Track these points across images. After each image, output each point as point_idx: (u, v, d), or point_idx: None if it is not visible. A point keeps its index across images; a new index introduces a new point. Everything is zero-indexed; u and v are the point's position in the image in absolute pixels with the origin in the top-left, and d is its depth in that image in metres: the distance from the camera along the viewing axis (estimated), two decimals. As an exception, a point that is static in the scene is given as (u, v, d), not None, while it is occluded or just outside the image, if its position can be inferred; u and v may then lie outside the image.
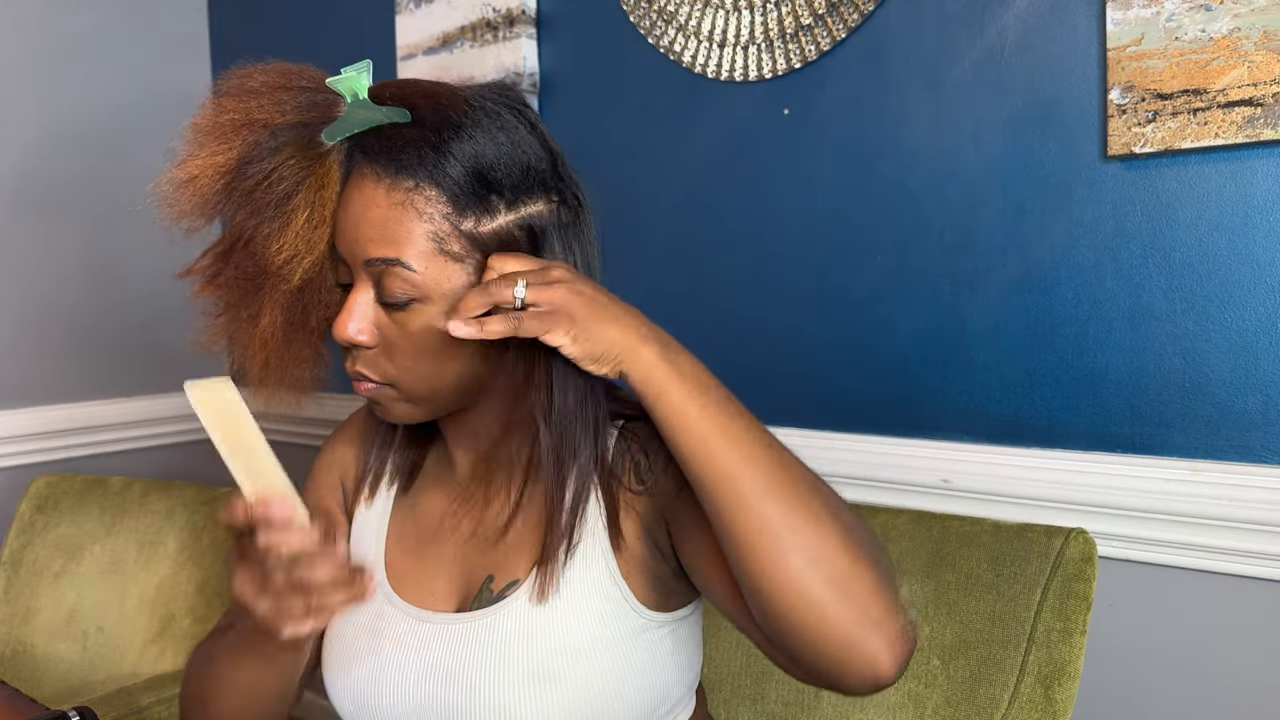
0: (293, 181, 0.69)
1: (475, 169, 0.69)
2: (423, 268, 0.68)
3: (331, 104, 0.71)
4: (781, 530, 0.60)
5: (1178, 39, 0.99)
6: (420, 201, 0.68)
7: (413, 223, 0.68)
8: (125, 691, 1.35)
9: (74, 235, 1.96)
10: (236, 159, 0.69)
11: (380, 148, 0.69)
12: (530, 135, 0.72)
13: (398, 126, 0.69)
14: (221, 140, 0.69)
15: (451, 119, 0.69)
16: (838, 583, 0.59)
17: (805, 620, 0.59)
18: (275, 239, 0.69)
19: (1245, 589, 1.02)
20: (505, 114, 0.71)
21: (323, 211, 0.70)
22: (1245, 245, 1.00)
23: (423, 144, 0.68)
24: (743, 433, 0.64)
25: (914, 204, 1.21)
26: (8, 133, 1.87)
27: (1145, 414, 1.07)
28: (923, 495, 1.21)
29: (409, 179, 0.68)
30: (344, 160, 0.71)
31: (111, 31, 2.02)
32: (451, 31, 1.65)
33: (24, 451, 1.89)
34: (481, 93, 0.73)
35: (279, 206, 0.69)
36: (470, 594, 0.77)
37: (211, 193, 0.70)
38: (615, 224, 1.52)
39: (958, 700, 0.96)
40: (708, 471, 0.62)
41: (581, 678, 0.72)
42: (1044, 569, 0.96)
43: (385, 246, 0.68)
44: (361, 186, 0.69)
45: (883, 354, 1.25)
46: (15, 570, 1.56)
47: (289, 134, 0.69)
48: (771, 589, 0.60)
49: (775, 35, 1.30)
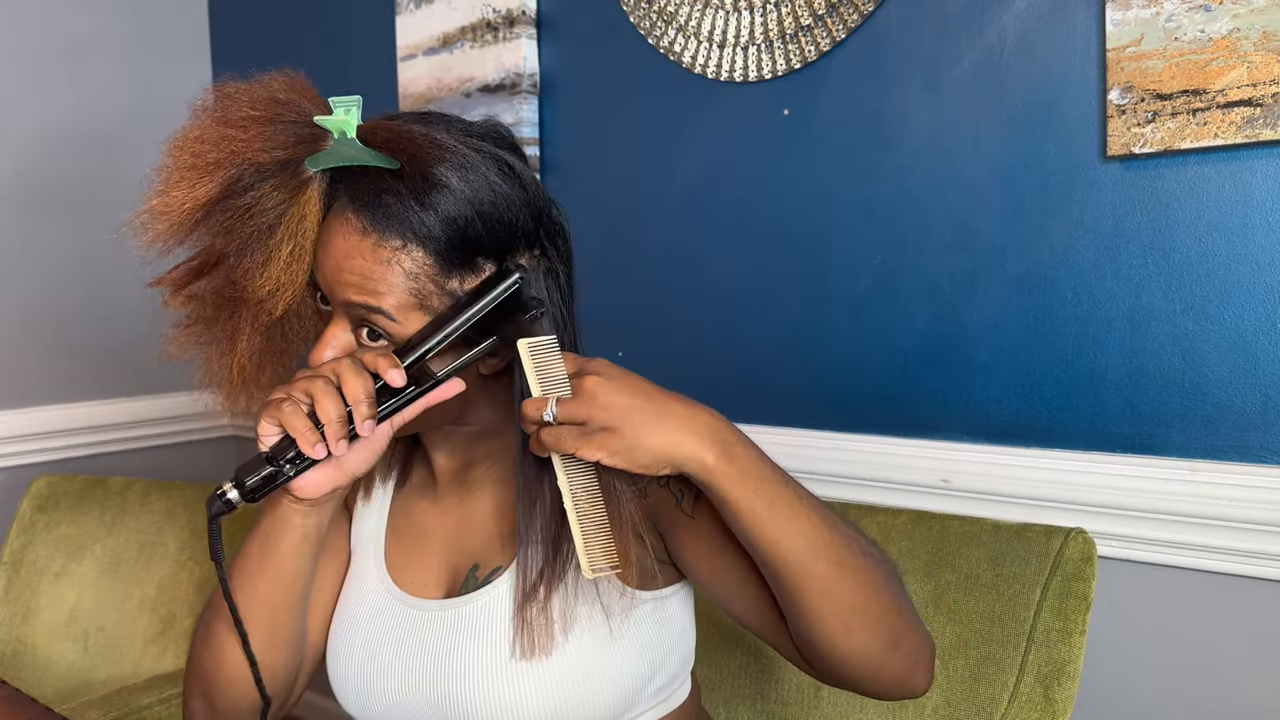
0: (275, 214, 0.69)
1: (463, 233, 0.69)
2: (403, 318, 0.70)
3: (317, 138, 0.70)
4: (843, 608, 0.66)
5: (1177, 39, 0.99)
6: (406, 262, 0.69)
7: (396, 278, 0.69)
8: (125, 691, 1.35)
9: (74, 235, 1.96)
10: (216, 193, 0.69)
11: (365, 195, 0.69)
12: (518, 191, 0.72)
13: (384, 176, 0.69)
14: (202, 173, 0.69)
15: (439, 179, 0.68)
16: (890, 640, 0.67)
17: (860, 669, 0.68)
18: (258, 272, 0.70)
19: (1245, 589, 1.02)
20: (493, 172, 0.71)
21: (304, 243, 0.71)
22: (1245, 245, 1.00)
23: (411, 202, 0.68)
24: (807, 521, 0.66)
25: (914, 204, 1.21)
26: (8, 133, 1.87)
27: (1145, 414, 1.07)
28: (922, 495, 1.21)
29: (396, 239, 0.68)
30: (325, 191, 0.71)
31: (111, 32, 2.02)
32: (452, 32, 1.65)
33: (24, 451, 1.90)
34: (470, 144, 0.72)
35: (262, 240, 0.70)
36: (458, 582, 0.80)
37: (191, 222, 0.70)
38: (615, 224, 1.52)
39: (957, 700, 0.96)
40: (777, 562, 0.66)
41: (567, 654, 0.74)
42: (1043, 569, 0.97)
43: (366, 295, 0.69)
44: (345, 232, 0.70)
45: (883, 354, 1.26)
46: (16, 570, 1.56)
47: (272, 169, 0.69)
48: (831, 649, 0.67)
49: (775, 36, 1.30)
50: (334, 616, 0.85)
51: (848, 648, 0.67)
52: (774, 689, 1.07)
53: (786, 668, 1.06)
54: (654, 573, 0.79)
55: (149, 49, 2.09)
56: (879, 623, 0.67)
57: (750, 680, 1.09)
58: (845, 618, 0.66)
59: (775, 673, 1.07)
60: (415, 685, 0.77)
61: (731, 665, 1.11)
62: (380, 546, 0.85)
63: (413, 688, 0.77)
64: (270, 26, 2.09)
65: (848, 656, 0.67)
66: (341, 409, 0.66)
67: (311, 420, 0.66)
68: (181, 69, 2.14)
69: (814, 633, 0.67)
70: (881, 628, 0.67)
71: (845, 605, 0.66)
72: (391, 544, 0.85)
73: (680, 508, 0.74)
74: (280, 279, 0.70)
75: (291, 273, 0.71)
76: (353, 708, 0.81)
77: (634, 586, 0.77)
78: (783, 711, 1.06)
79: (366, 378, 0.67)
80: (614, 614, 0.76)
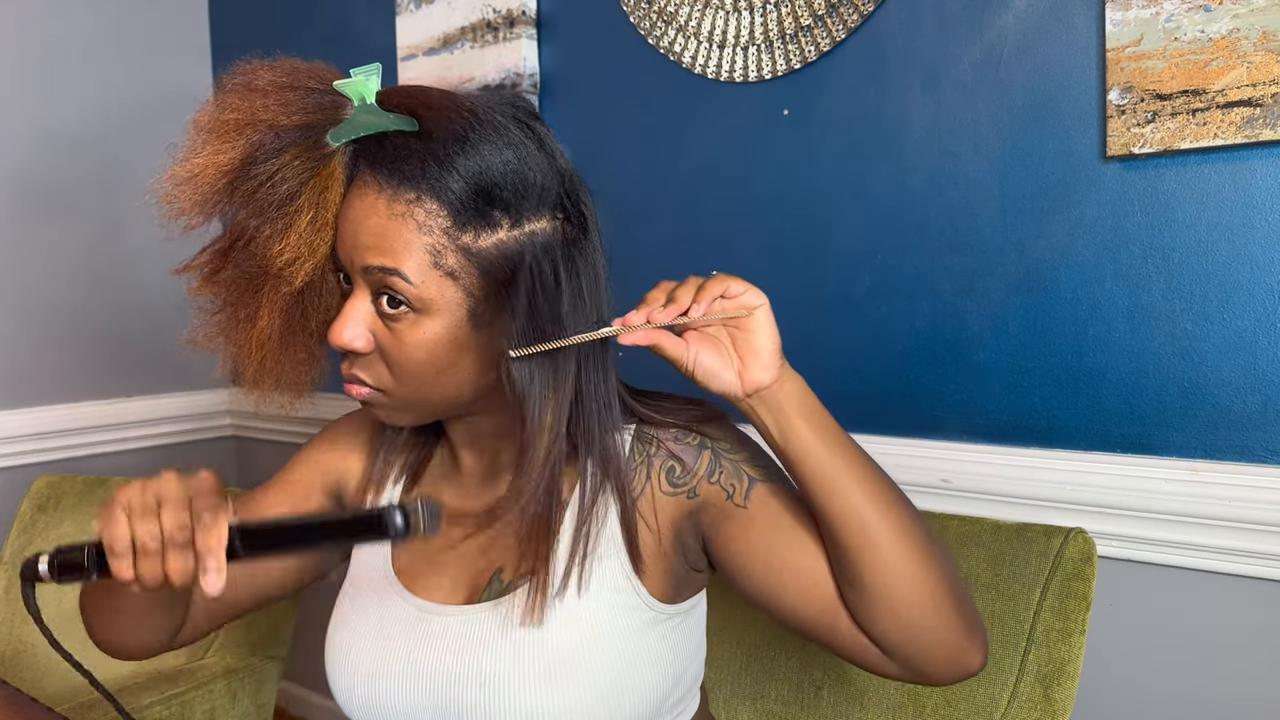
0: (296, 182, 0.69)
1: (478, 184, 0.68)
2: (419, 280, 0.68)
3: (338, 106, 0.70)
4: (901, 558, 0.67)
5: (1177, 39, 0.99)
6: (420, 214, 0.67)
7: (411, 234, 0.67)
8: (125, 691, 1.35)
9: (75, 235, 1.96)
10: (240, 158, 0.68)
11: (384, 156, 0.68)
12: (539, 152, 0.71)
13: (403, 136, 0.68)
14: (224, 139, 0.69)
15: (457, 132, 0.68)
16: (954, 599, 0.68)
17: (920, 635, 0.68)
18: (277, 240, 0.69)
19: (1245, 589, 1.02)
20: (513, 129, 0.70)
21: (325, 214, 0.70)
22: (1245, 246, 1.00)
23: (426, 156, 0.67)
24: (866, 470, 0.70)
25: (914, 204, 1.21)
26: (9, 132, 1.87)
27: (1144, 414, 1.07)
28: (922, 495, 1.21)
29: (410, 191, 0.67)
30: (348, 163, 0.70)
31: (112, 31, 2.02)
32: (452, 32, 1.65)
33: (24, 451, 1.90)
34: (491, 104, 0.71)
35: (282, 207, 0.69)
36: (479, 587, 0.78)
37: (213, 191, 0.69)
38: (615, 224, 1.52)
39: (957, 699, 0.96)
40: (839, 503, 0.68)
41: (593, 667, 0.72)
42: (1043, 569, 0.97)
43: (383, 256, 0.68)
44: (363, 194, 0.69)
45: (883, 354, 1.26)
46: (16, 570, 1.56)
47: (294, 135, 0.69)
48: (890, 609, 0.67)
49: (775, 36, 1.30)
50: (334, 620, 0.83)
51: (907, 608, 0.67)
52: (774, 689, 1.07)
53: (787, 668, 1.06)
54: (684, 584, 0.78)
55: (149, 48, 2.09)
56: (940, 570, 0.68)
57: (750, 680, 1.09)
58: (907, 569, 0.66)
59: (775, 673, 1.07)
60: (430, 694, 0.75)
61: (732, 665, 1.11)
62: (388, 551, 0.83)
63: (428, 697, 0.75)
64: (270, 27, 2.09)
65: (908, 621, 0.67)
66: (160, 579, 0.64)
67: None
68: (182, 68, 2.15)
69: (875, 584, 0.67)
70: (943, 575, 0.68)
71: (904, 555, 0.67)
72: (401, 548, 0.83)
73: (732, 500, 0.73)
74: (299, 248, 0.69)
75: (311, 243, 0.70)
76: (358, 716, 0.79)
77: (662, 600, 0.76)
78: (783, 711, 1.06)
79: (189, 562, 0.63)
80: (641, 627, 0.74)
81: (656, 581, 0.76)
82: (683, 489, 0.75)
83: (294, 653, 1.59)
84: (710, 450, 0.75)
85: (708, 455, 0.75)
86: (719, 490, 0.74)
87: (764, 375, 0.68)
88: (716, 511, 0.74)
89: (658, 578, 0.76)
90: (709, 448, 0.75)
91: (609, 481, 0.75)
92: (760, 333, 0.68)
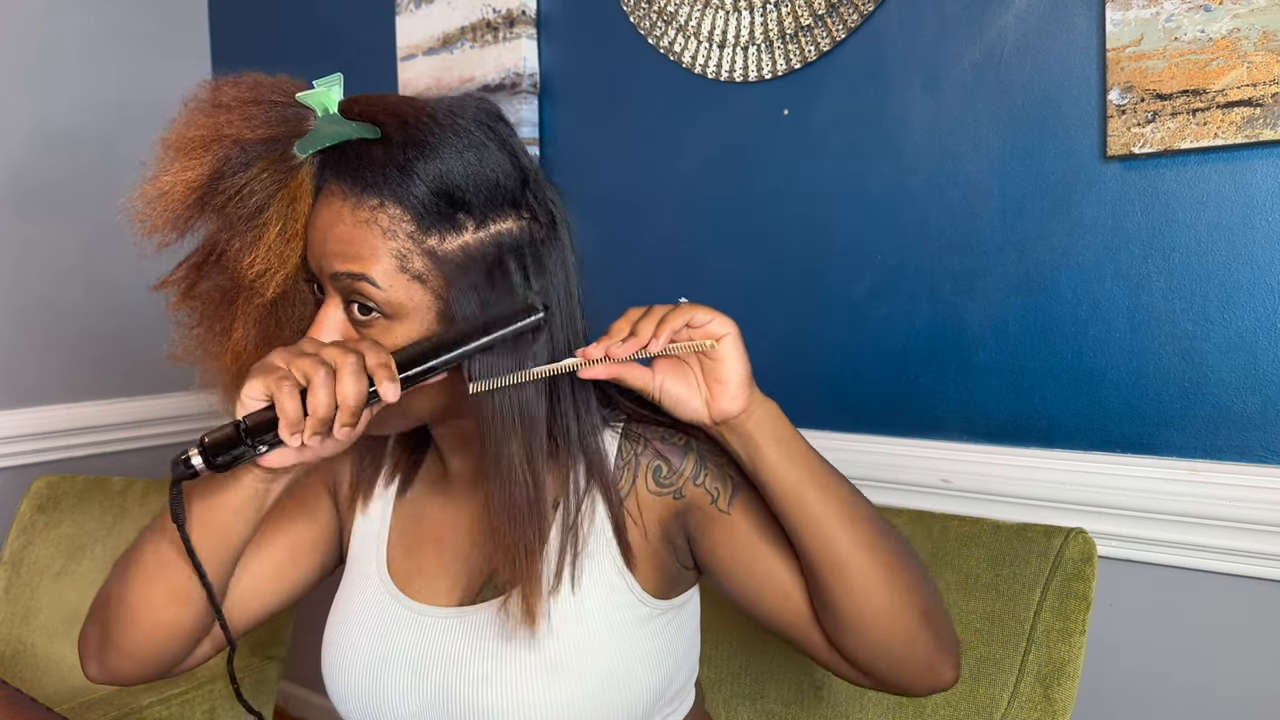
0: (265, 195, 0.70)
1: (440, 187, 0.68)
2: (387, 284, 0.68)
3: (301, 118, 0.71)
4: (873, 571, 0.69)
5: (1177, 39, 0.99)
6: (384, 219, 0.68)
7: (376, 240, 0.68)
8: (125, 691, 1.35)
9: (74, 235, 1.96)
10: (207, 174, 0.69)
11: (347, 165, 0.69)
12: (500, 153, 0.71)
13: (365, 143, 0.69)
14: (192, 156, 0.69)
15: (417, 137, 0.69)
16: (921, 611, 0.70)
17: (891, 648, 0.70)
18: (247, 253, 0.70)
19: (1245, 589, 1.02)
20: (475, 131, 0.71)
21: (295, 225, 0.70)
22: (1245, 245, 1.00)
23: (388, 162, 0.68)
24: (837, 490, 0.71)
25: (914, 204, 1.21)
26: (8, 133, 1.87)
27: (1145, 414, 1.07)
28: (922, 495, 1.21)
29: (374, 197, 0.68)
30: (315, 174, 0.71)
31: (111, 32, 2.02)
32: (451, 32, 1.65)
33: (24, 451, 1.90)
34: (452, 108, 0.72)
35: (251, 220, 0.70)
36: (473, 589, 0.78)
37: (183, 207, 0.70)
38: (615, 224, 1.52)
39: (957, 700, 0.96)
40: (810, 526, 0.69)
41: (591, 663, 0.73)
42: (1043, 569, 0.96)
43: (350, 262, 0.68)
44: (330, 202, 0.70)
45: (883, 354, 1.26)
46: (16, 570, 1.56)
47: (260, 148, 0.70)
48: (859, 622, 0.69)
49: (775, 36, 1.30)
50: (329, 624, 0.82)
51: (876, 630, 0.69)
52: (774, 689, 1.07)
53: (786, 668, 1.06)
54: (676, 580, 0.78)
55: (149, 49, 2.09)
56: (910, 591, 0.69)
57: (750, 680, 1.09)
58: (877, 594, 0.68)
59: (775, 673, 1.07)
60: (428, 695, 0.75)
61: (732, 665, 1.11)
62: (382, 552, 0.83)
63: (425, 698, 0.75)
64: (270, 26, 2.09)
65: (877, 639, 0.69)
66: (331, 408, 0.64)
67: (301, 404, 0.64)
68: (181, 69, 2.14)
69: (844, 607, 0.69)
70: (913, 596, 0.69)
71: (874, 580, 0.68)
72: (397, 549, 0.82)
73: (716, 505, 0.74)
74: (269, 259, 0.70)
75: (281, 254, 0.70)
76: (354, 718, 0.79)
77: (655, 595, 0.77)
78: (783, 711, 1.06)
79: (363, 382, 0.65)
80: (636, 623, 0.75)
81: (649, 578, 0.76)
82: (669, 489, 0.75)
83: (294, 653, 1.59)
84: (695, 452, 0.76)
85: (693, 457, 0.75)
86: (704, 493, 0.75)
87: (731, 405, 0.68)
88: (702, 515, 0.75)
89: (650, 574, 0.76)
90: (694, 449, 0.76)
91: (594, 481, 0.76)
92: (728, 363, 0.68)
